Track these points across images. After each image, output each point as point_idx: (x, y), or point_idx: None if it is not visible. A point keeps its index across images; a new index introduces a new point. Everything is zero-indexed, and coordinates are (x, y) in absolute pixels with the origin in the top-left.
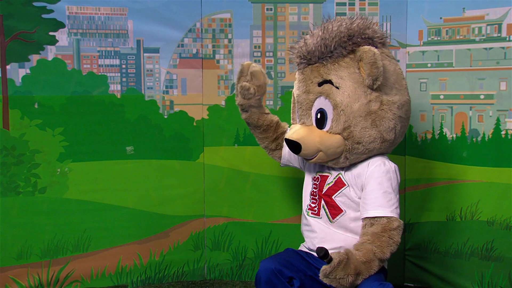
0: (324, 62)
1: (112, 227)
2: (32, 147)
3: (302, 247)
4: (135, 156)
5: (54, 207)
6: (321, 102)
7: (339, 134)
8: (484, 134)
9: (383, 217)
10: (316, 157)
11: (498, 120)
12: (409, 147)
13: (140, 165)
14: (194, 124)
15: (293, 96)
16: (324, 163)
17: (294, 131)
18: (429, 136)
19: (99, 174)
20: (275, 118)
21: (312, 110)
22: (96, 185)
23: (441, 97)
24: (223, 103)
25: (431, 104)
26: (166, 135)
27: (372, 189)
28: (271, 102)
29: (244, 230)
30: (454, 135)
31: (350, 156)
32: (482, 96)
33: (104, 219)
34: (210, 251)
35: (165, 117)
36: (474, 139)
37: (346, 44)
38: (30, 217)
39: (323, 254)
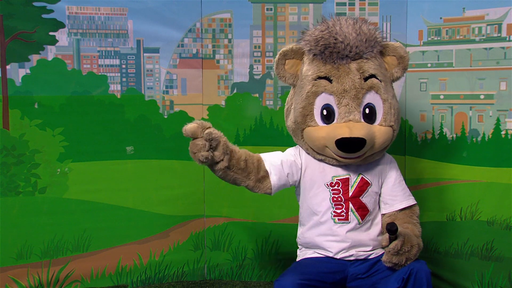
0: (368, 57)
1: (112, 227)
2: (32, 147)
3: (314, 254)
4: (135, 156)
5: (54, 207)
6: (370, 97)
7: (390, 126)
8: (484, 134)
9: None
10: (366, 153)
11: (498, 120)
12: (409, 147)
13: (140, 165)
14: None
15: (313, 95)
16: (356, 159)
17: (352, 128)
18: (429, 136)
19: (99, 174)
20: (243, 150)
21: (361, 106)
22: (96, 185)
23: (441, 97)
24: (223, 103)
25: (431, 104)
26: (166, 135)
27: (399, 181)
28: (271, 102)
29: (244, 230)
30: (454, 135)
31: (388, 148)
32: (482, 96)
33: (104, 219)
34: (210, 251)
35: (165, 117)
36: (474, 139)
37: (379, 41)
38: (30, 217)
39: (395, 229)
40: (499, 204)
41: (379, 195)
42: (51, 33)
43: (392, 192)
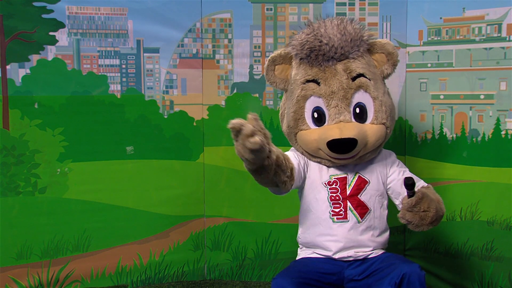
0: (354, 57)
1: (112, 227)
2: (32, 147)
3: (313, 254)
4: (135, 156)
5: (54, 207)
6: (359, 96)
7: (382, 124)
8: (484, 134)
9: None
10: (359, 153)
11: (498, 120)
12: (409, 147)
13: (140, 165)
14: (194, 124)
15: (302, 99)
16: (350, 159)
17: (342, 129)
18: (429, 136)
19: (99, 174)
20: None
21: (350, 106)
22: (96, 185)
23: (441, 97)
24: (223, 103)
25: (431, 104)
26: (166, 135)
27: (402, 172)
28: (271, 102)
29: (244, 230)
30: (454, 135)
31: (382, 146)
32: (482, 96)
33: (104, 219)
34: (210, 251)
35: (165, 117)
36: (474, 139)
37: (366, 40)
38: (30, 217)
39: (411, 182)
40: (499, 204)
41: (387, 194)
42: (51, 33)
43: (400, 185)
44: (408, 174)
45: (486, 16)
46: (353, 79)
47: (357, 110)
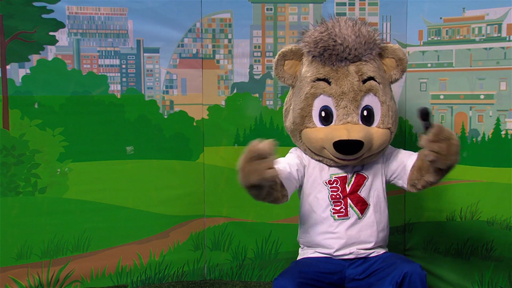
0: (367, 59)
1: (112, 227)
2: (32, 147)
3: (315, 253)
4: (135, 156)
5: (54, 207)
6: (368, 99)
7: (387, 129)
8: (484, 134)
9: None
10: (363, 155)
11: (498, 120)
12: (409, 147)
13: (140, 165)
14: (194, 124)
15: (311, 97)
16: (353, 160)
17: (350, 130)
18: None
19: (99, 174)
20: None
21: (359, 108)
22: (96, 185)
23: (441, 97)
24: (223, 103)
25: (431, 104)
26: (166, 135)
27: (397, 153)
28: (271, 102)
29: (244, 230)
30: None
31: (385, 150)
32: (482, 96)
33: (104, 219)
34: (210, 251)
35: (165, 117)
36: (474, 139)
37: (378, 43)
38: (30, 217)
39: (427, 111)
40: (499, 204)
41: (385, 190)
42: (51, 33)
43: (399, 165)
44: (403, 151)
45: (486, 16)
46: (364, 81)
47: (365, 113)
